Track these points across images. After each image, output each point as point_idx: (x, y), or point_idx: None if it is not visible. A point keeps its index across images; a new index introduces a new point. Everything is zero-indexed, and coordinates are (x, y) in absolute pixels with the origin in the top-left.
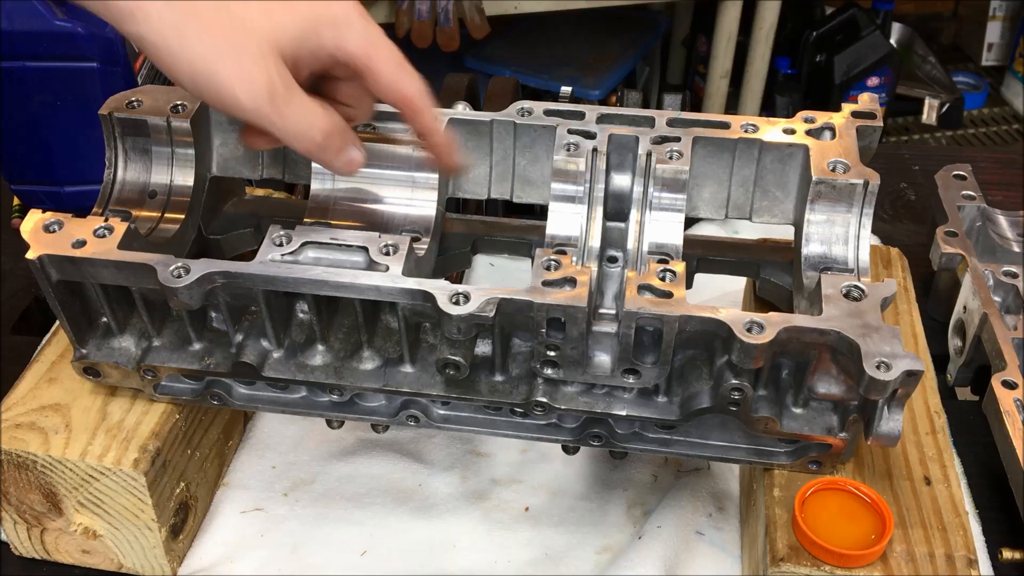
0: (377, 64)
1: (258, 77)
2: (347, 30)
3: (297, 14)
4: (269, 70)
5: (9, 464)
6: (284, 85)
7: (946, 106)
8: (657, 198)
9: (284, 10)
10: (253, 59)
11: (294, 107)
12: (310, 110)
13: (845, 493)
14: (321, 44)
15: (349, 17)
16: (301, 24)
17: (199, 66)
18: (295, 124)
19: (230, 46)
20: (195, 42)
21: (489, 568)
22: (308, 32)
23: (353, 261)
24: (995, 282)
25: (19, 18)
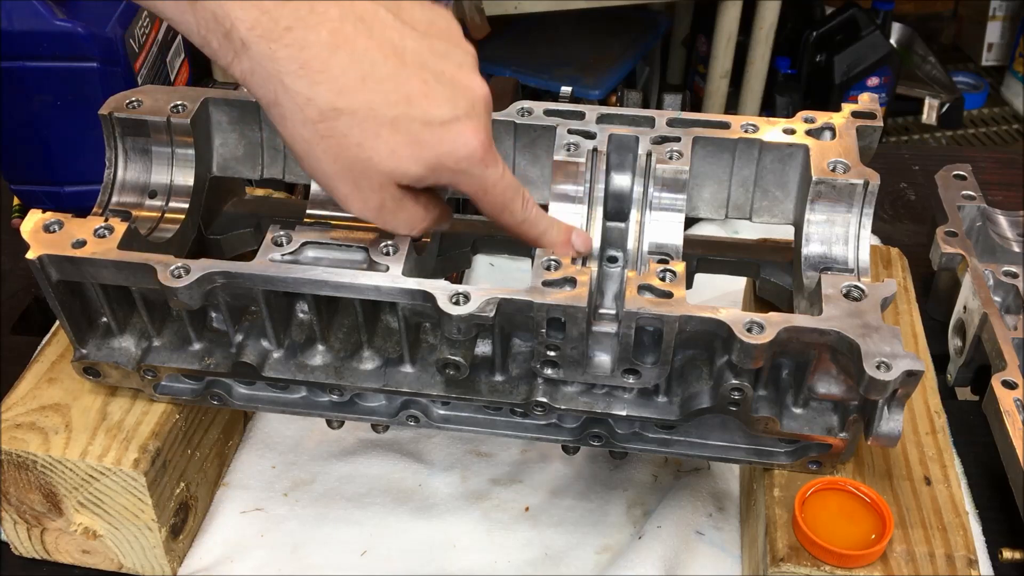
0: (484, 202)
1: (371, 201)
2: (463, 177)
3: (421, 161)
4: (383, 197)
5: (9, 464)
6: (394, 204)
7: (946, 106)
8: (657, 198)
9: (411, 157)
10: (371, 189)
11: (399, 217)
12: (413, 216)
13: (845, 493)
14: (439, 182)
15: (470, 168)
16: (423, 172)
17: (320, 177)
18: (397, 226)
19: (352, 176)
20: (321, 161)
21: (489, 568)
22: (428, 176)
23: (353, 261)
24: (995, 282)
25: (19, 18)
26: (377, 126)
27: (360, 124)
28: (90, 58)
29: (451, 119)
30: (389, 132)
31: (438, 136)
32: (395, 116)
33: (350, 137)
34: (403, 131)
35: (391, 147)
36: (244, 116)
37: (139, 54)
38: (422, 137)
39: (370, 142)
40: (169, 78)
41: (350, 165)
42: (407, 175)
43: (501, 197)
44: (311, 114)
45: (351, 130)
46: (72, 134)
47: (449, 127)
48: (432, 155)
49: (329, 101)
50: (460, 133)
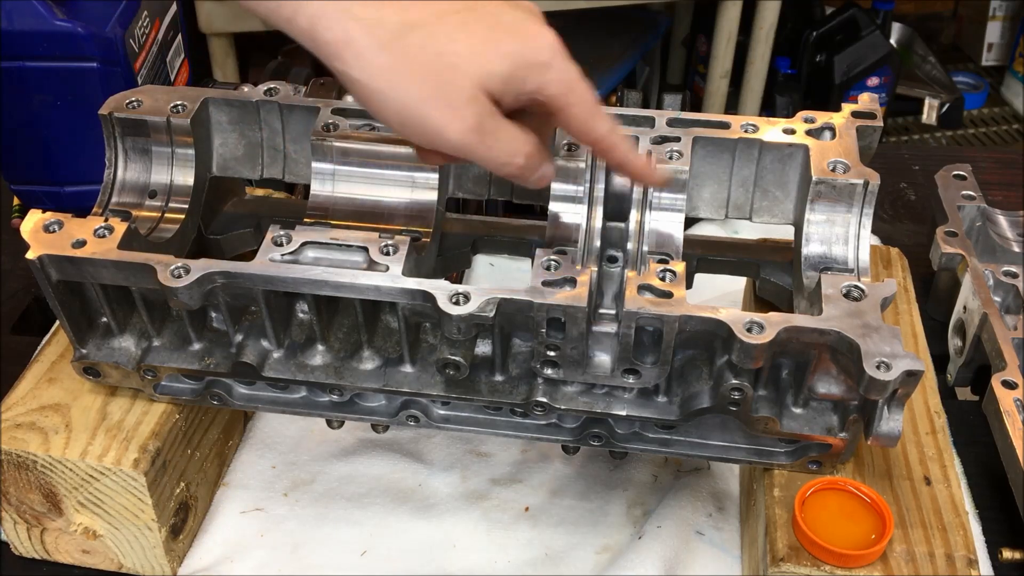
0: (572, 109)
1: (468, 117)
2: (549, 73)
3: (506, 56)
4: (479, 109)
5: (9, 464)
6: (493, 120)
7: (946, 106)
8: (657, 198)
9: (493, 52)
10: (465, 101)
11: (500, 139)
12: (514, 138)
13: (845, 493)
14: (524, 86)
15: (552, 60)
16: (509, 67)
17: (411, 108)
18: (499, 153)
19: (442, 90)
20: (406, 86)
21: (489, 568)
22: (515, 74)
23: (353, 261)
24: (995, 282)
25: (19, 18)
26: (452, 30)
27: (435, 33)
28: (90, 58)
29: (518, 19)
30: (464, 35)
31: (513, 32)
32: (466, 21)
33: (429, 48)
34: (478, 33)
35: (471, 47)
36: (244, 116)
37: (139, 54)
38: (498, 35)
39: (450, 47)
40: (169, 78)
41: (435, 78)
42: (494, 74)
43: (589, 97)
44: (384, 36)
45: (428, 41)
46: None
47: (520, 25)
48: (513, 48)
49: (399, 17)
50: (533, 27)
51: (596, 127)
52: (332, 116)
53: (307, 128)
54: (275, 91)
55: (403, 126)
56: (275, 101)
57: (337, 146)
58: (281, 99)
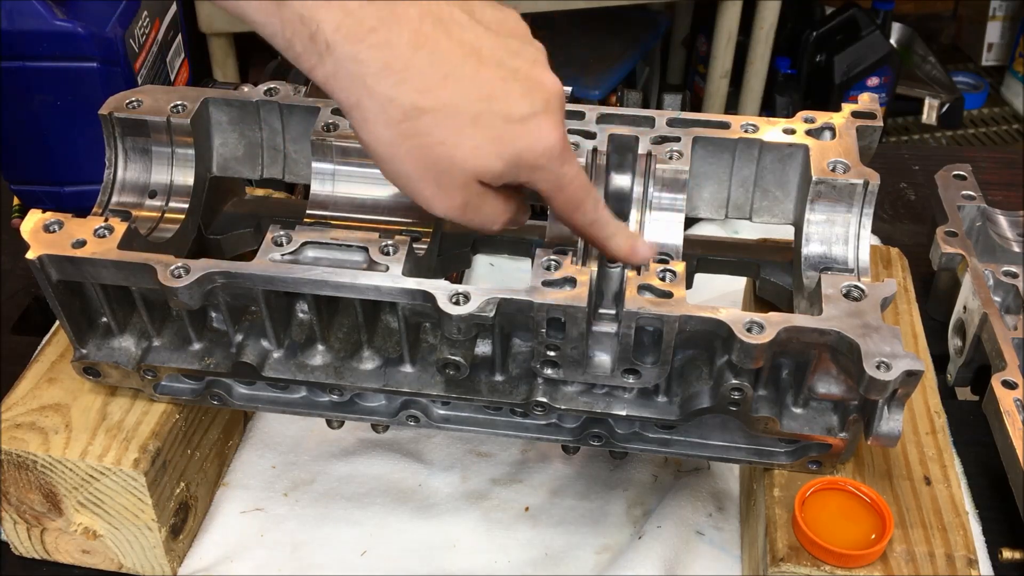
0: (556, 202)
1: (456, 198)
2: (540, 173)
3: (503, 157)
4: (467, 195)
5: (9, 464)
6: (478, 199)
7: (946, 106)
8: (657, 198)
9: (493, 154)
10: (456, 187)
11: (482, 211)
12: (495, 210)
13: (845, 493)
14: (516, 179)
15: (547, 164)
16: (504, 168)
17: (404, 181)
18: (480, 222)
19: (436, 175)
20: (405, 162)
21: (489, 568)
22: (508, 172)
23: (353, 261)
24: (995, 282)
25: (19, 18)
26: (460, 124)
27: (443, 122)
28: (90, 58)
29: (530, 115)
30: (472, 129)
31: (518, 132)
32: (477, 113)
33: (433, 135)
34: (485, 128)
35: (474, 144)
36: (244, 116)
37: (139, 54)
38: (503, 133)
39: (453, 139)
40: (169, 78)
41: (433, 164)
42: (489, 171)
43: (575, 195)
44: (394, 114)
45: (434, 129)
46: (72, 134)
47: (528, 123)
48: (513, 151)
49: (412, 100)
50: (538, 128)
51: (579, 219)
52: (332, 116)
53: (307, 128)
54: (275, 91)
55: (397, 185)
56: (275, 101)
57: (337, 146)
58: (281, 99)
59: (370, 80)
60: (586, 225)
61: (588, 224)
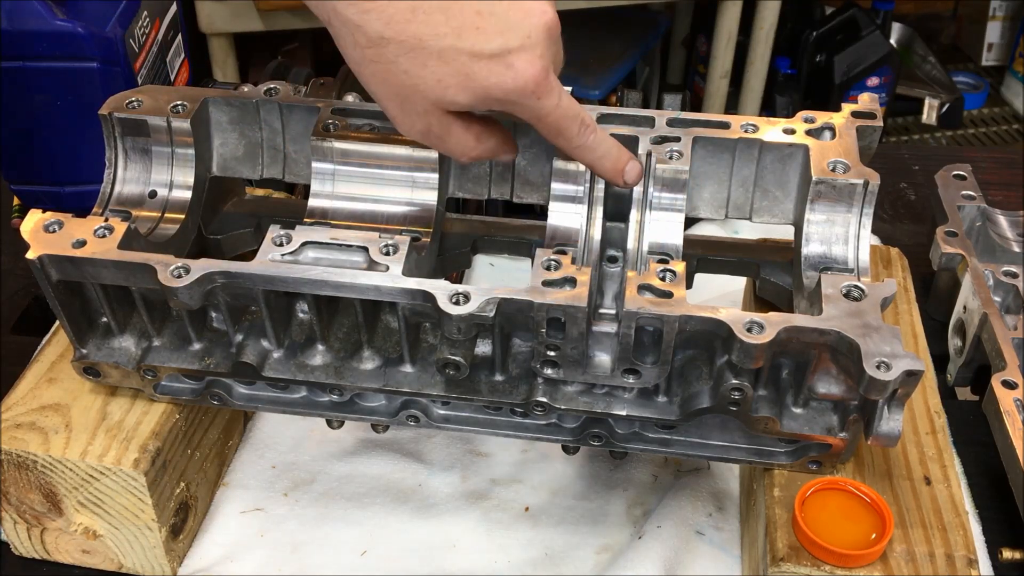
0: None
1: (418, 124)
2: (515, 108)
3: (468, 91)
4: (428, 121)
5: (9, 464)
6: (441, 128)
7: (946, 106)
8: (657, 198)
9: (458, 85)
10: (416, 113)
11: (448, 140)
12: (461, 141)
13: (845, 493)
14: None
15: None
16: (470, 99)
17: (377, 99)
18: (450, 150)
19: (399, 100)
20: (374, 83)
21: (489, 568)
22: (477, 104)
23: (353, 261)
24: (995, 282)
25: (19, 18)
26: (424, 57)
27: (407, 54)
28: (90, 58)
29: (501, 51)
30: (436, 63)
31: (486, 68)
32: (442, 48)
33: (397, 64)
34: (450, 62)
35: (437, 77)
36: (244, 116)
37: (139, 54)
38: (470, 69)
39: (416, 71)
40: (169, 78)
41: (396, 89)
42: (453, 103)
43: (556, 124)
44: (360, 39)
45: (398, 58)
46: (72, 134)
47: (498, 59)
48: (479, 86)
49: (377, 30)
50: (510, 66)
51: (562, 144)
52: (332, 116)
53: (307, 128)
54: (275, 91)
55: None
56: (275, 101)
57: (337, 146)
58: (281, 99)
59: (339, 6)
60: (570, 150)
61: (572, 149)
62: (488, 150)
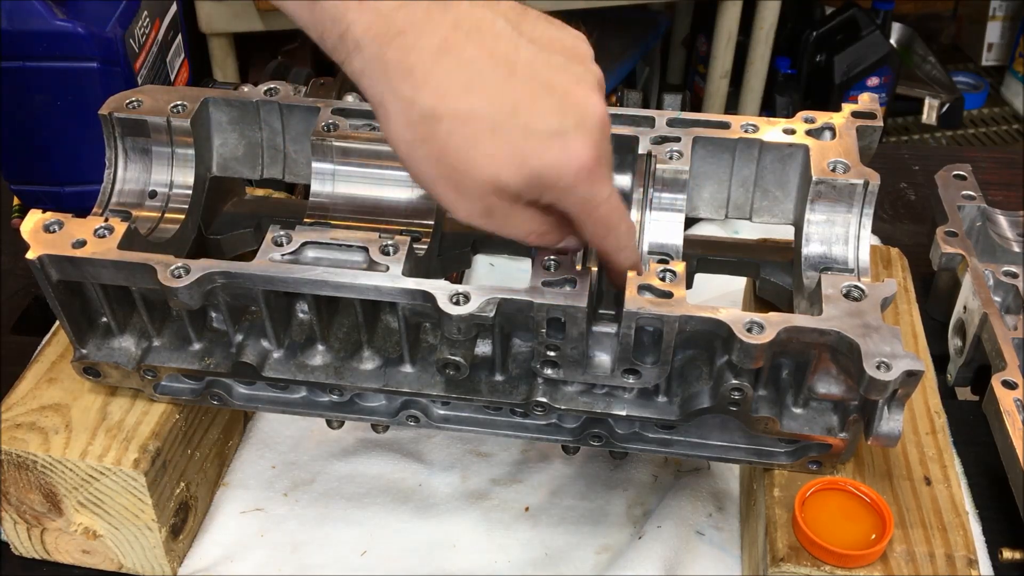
0: (586, 226)
1: (476, 206)
2: (567, 196)
3: (522, 172)
4: (489, 202)
5: (9, 464)
6: (502, 208)
7: (946, 106)
8: (657, 198)
9: (512, 167)
10: (474, 195)
11: (509, 222)
12: (525, 222)
13: (845, 493)
14: (541, 198)
15: (575, 185)
16: (522, 183)
17: (423, 181)
18: (511, 232)
19: (453, 182)
20: (424, 163)
21: (489, 568)
22: (529, 190)
23: (353, 261)
24: (995, 282)
25: (19, 18)
26: (478, 133)
27: (460, 130)
28: (90, 58)
29: (556, 132)
30: (489, 139)
31: (541, 148)
32: (496, 124)
33: (450, 142)
34: (504, 139)
35: (490, 154)
36: (244, 116)
37: (139, 54)
38: (523, 147)
39: (468, 148)
40: (169, 78)
41: (450, 170)
42: (507, 185)
43: (606, 219)
44: (412, 116)
45: (451, 136)
46: (72, 134)
47: (554, 140)
48: (532, 167)
49: (430, 105)
50: (565, 147)
51: (610, 244)
52: (332, 116)
53: (307, 128)
54: (275, 91)
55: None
56: (275, 101)
57: (337, 146)
58: (281, 99)
59: (394, 81)
60: (616, 252)
61: (617, 251)
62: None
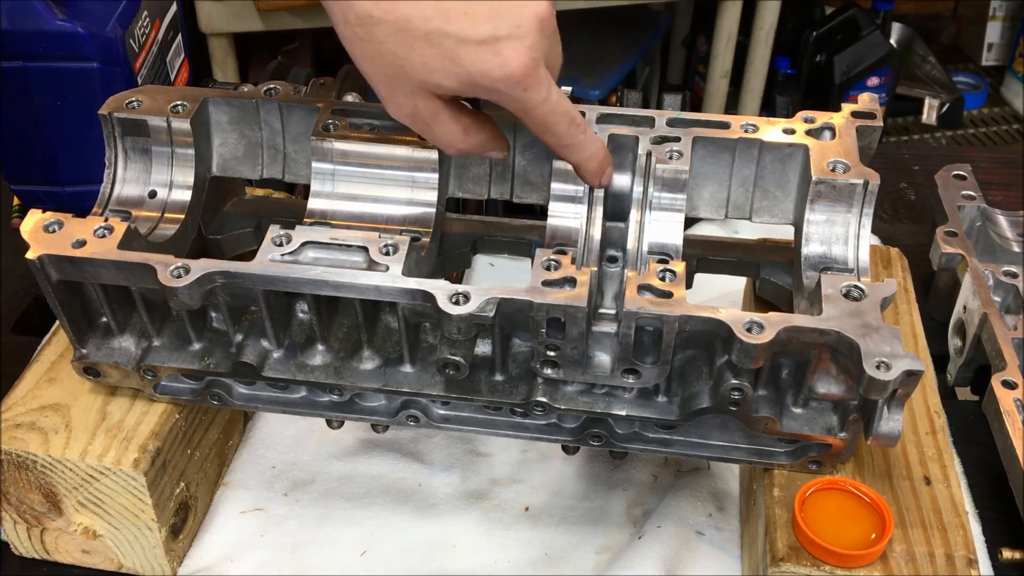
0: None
1: (404, 107)
2: (501, 97)
3: (453, 76)
4: (416, 104)
5: (9, 464)
6: (428, 114)
7: (946, 106)
8: (657, 198)
9: (444, 70)
10: (404, 94)
11: (434, 127)
12: (448, 131)
13: (845, 493)
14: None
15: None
16: (455, 86)
17: (364, 73)
18: (436, 138)
19: (387, 80)
20: (360, 60)
21: (489, 568)
22: (463, 90)
23: (353, 261)
24: (995, 282)
25: (19, 18)
26: (411, 39)
27: (395, 34)
28: (90, 58)
29: (489, 38)
30: (423, 45)
31: (473, 54)
32: (429, 31)
33: (385, 44)
34: (437, 46)
35: (423, 59)
36: (244, 116)
37: (139, 54)
38: (456, 54)
39: (403, 52)
40: (169, 78)
41: (384, 69)
42: (439, 87)
43: (543, 120)
44: (350, 17)
45: (386, 38)
46: (72, 134)
47: (486, 46)
48: (465, 72)
49: (366, 9)
50: (497, 53)
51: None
52: (332, 116)
53: (307, 128)
54: (275, 91)
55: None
56: (275, 101)
57: (337, 146)
58: (281, 99)
59: None
60: (558, 148)
61: (561, 147)
62: (477, 144)
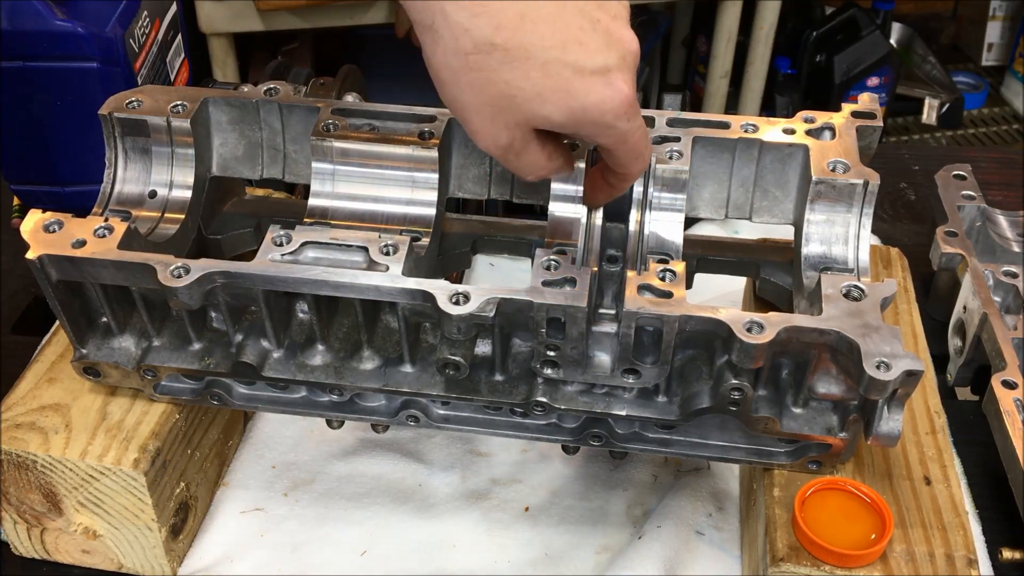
0: (613, 159)
1: (502, 138)
2: (604, 132)
3: (567, 109)
4: (513, 136)
5: (9, 464)
6: (521, 145)
7: (946, 106)
8: (657, 198)
9: (558, 103)
10: (505, 126)
11: (522, 158)
12: (535, 162)
13: (845, 493)
14: (576, 133)
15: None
16: (565, 119)
17: (457, 106)
18: (516, 168)
19: (491, 111)
20: (464, 91)
21: (489, 568)
22: (568, 125)
23: (353, 261)
24: (995, 282)
25: (19, 18)
26: (529, 67)
27: (512, 62)
28: (90, 58)
29: (602, 69)
30: (539, 75)
31: (588, 85)
32: (548, 60)
33: (499, 73)
34: (553, 76)
35: (538, 90)
36: (244, 116)
37: (139, 54)
38: (572, 85)
39: (518, 82)
40: (169, 78)
41: (492, 100)
42: (548, 120)
43: (636, 146)
44: (465, 44)
45: (502, 67)
46: (72, 134)
47: (599, 77)
48: (579, 104)
49: (486, 35)
50: (609, 84)
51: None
52: (332, 116)
53: (307, 128)
54: (275, 91)
55: (451, 111)
56: (275, 101)
57: (337, 146)
58: (281, 99)
59: (448, 7)
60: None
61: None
62: (556, 169)
